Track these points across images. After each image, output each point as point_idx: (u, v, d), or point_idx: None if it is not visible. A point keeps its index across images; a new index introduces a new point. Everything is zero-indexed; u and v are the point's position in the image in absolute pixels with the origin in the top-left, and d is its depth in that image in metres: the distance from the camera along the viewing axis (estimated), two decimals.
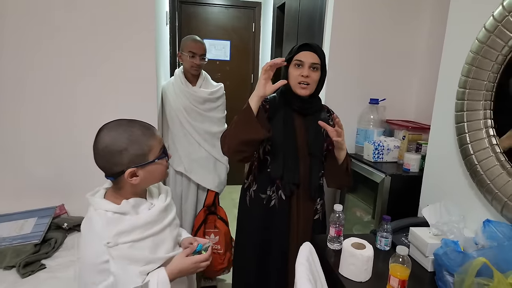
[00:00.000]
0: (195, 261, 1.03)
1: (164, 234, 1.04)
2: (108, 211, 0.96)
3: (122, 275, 0.90)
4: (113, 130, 0.96)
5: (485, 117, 1.19)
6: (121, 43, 1.82)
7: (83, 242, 0.96)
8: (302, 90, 1.41)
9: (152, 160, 0.99)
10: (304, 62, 1.39)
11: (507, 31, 1.09)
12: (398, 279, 0.98)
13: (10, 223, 1.75)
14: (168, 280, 0.97)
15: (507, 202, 1.08)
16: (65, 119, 1.82)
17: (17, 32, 1.72)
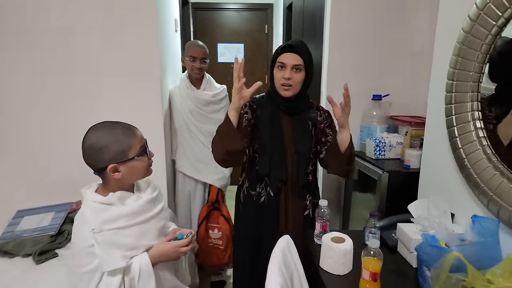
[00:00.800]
0: (175, 246, 1.10)
1: (149, 224, 1.12)
2: (96, 202, 1.06)
3: (105, 258, 0.99)
4: (98, 130, 1.06)
5: (473, 109, 1.15)
6: (126, 50, 1.92)
7: (75, 229, 1.06)
8: (285, 92, 1.42)
9: (132, 157, 1.07)
10: (286, 64, 1.39)
11: (489, 19, 1.05)
12: (370, 271, 0.97)
13: (32, 216, 1.92)
14: (150, 263, 1.05)
15: (493, 196, 1.04)
16: (82, 123, 1.92)
17: (38, 42, 1.87)
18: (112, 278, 1.01)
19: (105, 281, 1.00)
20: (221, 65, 3.97)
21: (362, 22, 2.05)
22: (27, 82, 1.92)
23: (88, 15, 1.87)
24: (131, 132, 1.09)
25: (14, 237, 1.75)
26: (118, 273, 1.02)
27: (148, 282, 1.05)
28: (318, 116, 1.53)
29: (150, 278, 1.05)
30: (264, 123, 1.46)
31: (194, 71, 2.13)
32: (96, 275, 1.00)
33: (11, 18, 1.84)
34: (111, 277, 1.01)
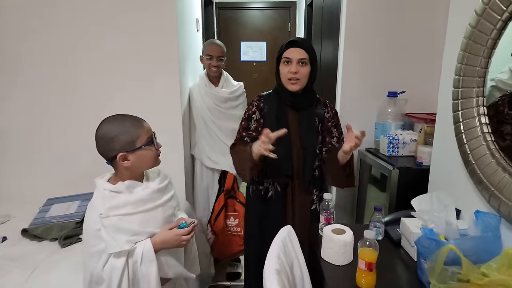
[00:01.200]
0: (176, 234, 1.15)
1: (155, 212, 1.19)
2: (106, 189, 1.15)
3: (111, 241, 1.07)
4: (109, 122, 1.15)
5: (478, 105, 1.14)
6: (147, 50, 2.02)
7: (86, 214, 1.15)
8: (293, 86, 1.47)
9: (139, 146, 1.15)
10: (292, 58, 1.44)
11: (494, 14, 1.04)
12: (365, 261, 1.00)
13: (60, 204, 2.08)
14: (152, 248, 1.12)
15: (494, 191, 1.03)
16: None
17: (63, 39, 2.01)
18: (116, 260, 1.08)
19: (110, 262, 1.08)
20: (244, 63, 4.04)
21: (377, 20, 2.04)
22: (59, 77, 2.06)
23: (108, 15, 1.98)
24: (138, 124, 1.17)
25: (44, 223, 1.90)
26: (123, 256, 1.09)
27: (150, 266, 1.12)
28: (325, 113, 1.56)
29: (152, 263, 1.12)
30: (270, 119, 1.52)
31: (211, 69, 2.21)
32: (103, 256, 1.09)
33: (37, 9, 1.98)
34: (116, 259, 1.08)
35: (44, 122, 2.13)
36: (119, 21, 1.99)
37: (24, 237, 1.83)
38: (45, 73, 2.06)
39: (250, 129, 1.57)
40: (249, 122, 1.57)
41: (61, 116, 2.12)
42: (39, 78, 2.07)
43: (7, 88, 2.08)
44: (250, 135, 1.56)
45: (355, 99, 2.13)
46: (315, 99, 1.56)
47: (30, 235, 1.83)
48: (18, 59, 2.04)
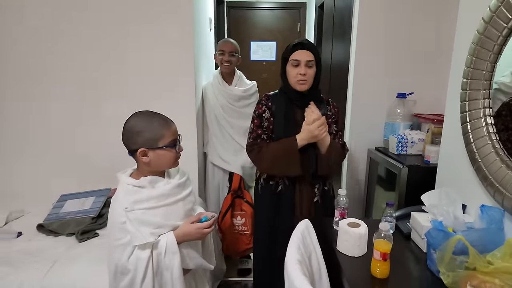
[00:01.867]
0: (198, 227, 1.22)
1: (176, 206, 1.26)
2: (129, 184, 1.21)
3: (136, 234, 1.14)
4: (139, 116, 1.22)
5: (484, 106, 1.22)
6: (163, 48, 2.11)
7: (110, 208, 1.22)
8: (302, 86, 1.56)
9: (161, 146, 1.20)
10: (300, 60, 1.53)
11: (500, 21, 1.12)
12: (380, 252, 1.08)
13: (74, 200, 2.16)
14: (175, 241, 1.19)
15: (498, 187, 1.11)
16: (119, 118, 2.15)
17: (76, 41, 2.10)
18: (142, 252, 1.14)
19: (135, 254, 1.15)
20: (254, 63, 4.12)
21: (388, 22, 2.11)
22: (74, 75, 2.15)
23: (126, 13, 2.06)
24: (166, 124, 1.22)
25: (58, 218, 1.97)
26: (147, 248, 1.15)
27: (173, 257, 1.18)
28: (328, 110, 1.65)
29: (175, 254, 1.18)
30: (279, 118, 1.61)
31: (223, 65, 2.26)
32: (127, 248, 1.15)
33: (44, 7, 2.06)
34: (141, 251, 1.14)
35: (60, 121, 2.21)
36: (138, 21, 2.08)
37: (40, 232, 1.90)
38: (64, 75, 2.14)
39: (264, 126, 1.63)
40: (261, 120, 1.64)
41: (77, 115, 2.20)
42: (55, 79, 2.15)
43: (26, 88, 2.16)
44: (266, 133, 1.63)
45: (365, 99, 2.21)
46: (319, 98, 1.65)
47: (46, 230, 1.89)
48: (42, 60, 2.13)
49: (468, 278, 0.97)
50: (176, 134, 1.26)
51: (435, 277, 1.10)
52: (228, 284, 2.39)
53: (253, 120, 1.66)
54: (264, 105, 1.65)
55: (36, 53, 2.11)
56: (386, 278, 1.10)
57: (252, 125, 1.67)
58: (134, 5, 2.05)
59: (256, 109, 1.67)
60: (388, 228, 1.09)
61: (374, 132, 2.22)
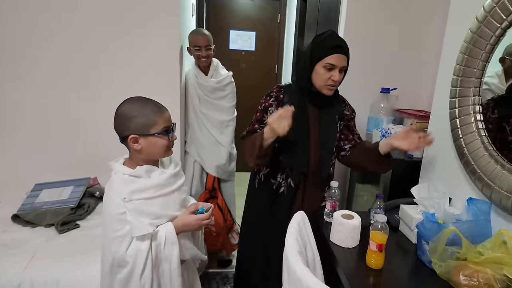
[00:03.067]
0: (197, 218, 1.21)
1: (173, 196, 1.24)
2: (125, 174, 1.17)
3: (136, 224, 1.10)
4: (132, 102, 1.17)
5: (474, 103, 1.27)
6: (146, 33, 2.03)
7: (106, 199, 1.17)
8: (329, 92, 1.44)
9: (153, 133, 1.16)
10: (337, 66, 1.38)
11: (494, 21, 1.16)
12: (376, 243, 1.10)
13: (50, 190, 2.04)
14: (175, 231, 1.17)
15: (487, 181, 1.16)
16: (100, 105, 2.07)
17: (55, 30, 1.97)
18: (141, 243, 1.12)
19: (134, 245, 1.11)
20: (233, 52, 4.06)
21: (375, 18, 2.15)
22: (52, 62, 2.03)
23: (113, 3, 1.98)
24: (159, 111, 1.18)
25: (34, 209, 1.87)
26: (147, 239, 1.13)
27: (172, 248, 1.16)
28: (345, 110, 1.59)
29: (174, 245, 1.16)
30: None
31: (201, 60, 2.16)
32: (126, 240, 1.11)
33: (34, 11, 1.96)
34: (141, 242, 1.12)
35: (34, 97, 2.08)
36: (123, 8, 1.99)
37: (15, 223, 1.80)
38: (41, 56, 2.02)
39: (264, 122, 1.48)
40: (264, 114, 1.50)
41: (53, 100, 2.08)
42: (35, 61, 2.02)
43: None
44: (263, 128, 1.44)
45: (349, 93, 2.22)
46: (336, 98, 1.56)
47: (22, 221, 1.79)
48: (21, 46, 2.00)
49: (461, 268, 1.01)
50: (169, 121, 1.22)
51: (427, 267, 1.14)
52: (208, 275, 2.37)
53: (256, 113, 1.53)
54: (273, 98, 1.50)
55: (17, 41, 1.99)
56: (380, 268, 1.13)
57: (254, 117, 1.53)
58: None
59: (263, 101, 1.52)
60: (385, 220, 1.11)
61: (358, 126, 2.24)
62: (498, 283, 0.95)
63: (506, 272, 0.96)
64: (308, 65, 1.42)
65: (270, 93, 1.52)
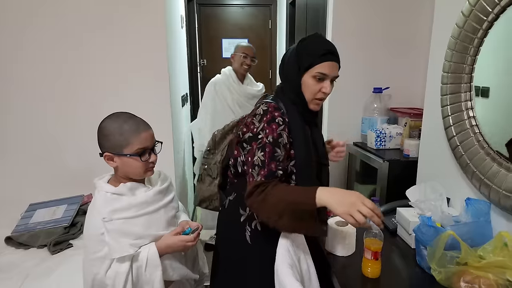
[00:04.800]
0: (181, 240, 1.14)
1: (158, 214, 1.18)
2: (108, 192, 1.13)
3: (115, 246, 1.05)
4: (111, 118, 1.13)
5: (466, 99, 1.22)
6: (135, 47, 2.01)
7: (87, 218, 1.13)
8: (317, 106, 1.21)
9: (125, 154, 1.12)
10: (329, 75, 1.15)
11: (480, 15, 1.12)
12: (371, 251, 1.05)
13: (44, 209, 2.01)
14: (157, 253, 1.11)
15: (484, 180, 1.12)
16: (92, 121, 2.02)
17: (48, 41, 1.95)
18: (120, 265, 1.06)
19: (114, 267, 1.06)
20: (226, 60, 4.04)
21: (364, 17, 2.11)
22: (40, 76, 2.00)
23: (96, 12, 1.95)
24: (136, 131, 1.12)
25: (28, 230, 1.83)
26: (127, 260, 1.07)
27: (154, 271, 1.10)
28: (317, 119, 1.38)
29: (157, 268, 1.10)
30: (299, 142, 1.17)
31: (243, 67, 2.40)
32: (105, 261, 1.06)
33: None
34: (120, 264, 1.06)
35: (25, 116, 2.05)
36: (108, 18, 1.96)
37: (9, 245, 1.78)
38: (31, 71, 2.00)
39: (279, 159, 1.11)
40: (276, 148, 1.11)
41: (46, 116, 2.05)
42: (23, 78, 2.00)
43: None
44: (281, 168, 1.11)
45: (342, 95, 2.20)
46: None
47: (15, 243, 1.77)
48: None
49: (461, 273, 0.96)
50: (147, 142, 1.15)
51: (426, 273, 1.09)
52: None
53: (263, 148, 1.10)
54: (282, 126, 1.13)
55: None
56: (377, 277, 1.08)
57: (263, 154, 1.10)
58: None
59: (269, 132, 1.11)
60: (379, 227, 1.06)
61: (352, 127, 2.22)
62: None
63: (509, 276, 0.91)
64: (295, 76, 1.17)
65: (274, 118, 1.13)
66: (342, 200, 0.98)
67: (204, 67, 4.05)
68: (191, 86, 3.21)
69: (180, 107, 2.55)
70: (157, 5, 1.96)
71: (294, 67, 1.17)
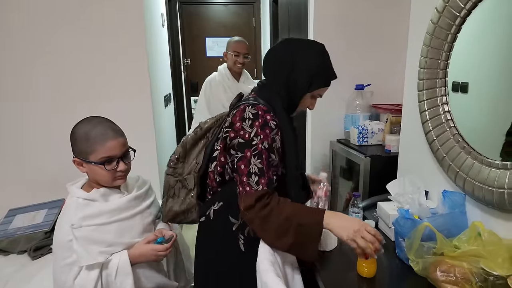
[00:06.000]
0: (153, 249, 1.13)
1: (133, 220, 1.16)
2: (79, 197, 1.11)
3: (83, 253, 1.03)
4: (83, 123, 1.11)
5: (441, 94, 1.25)
6: (113, 52, 1.99)
7: (57, 224, 1.11)
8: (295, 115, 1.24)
9: (91, 161, 1.09)
10: (321, 96, 1.24)
11: (453, 11, 1.15)
12: None
13: (24, 214, 1.98)
14: (129, 261, 1.09)
15: (459, 172, 1.15)
16: (71, 122, 2.00)
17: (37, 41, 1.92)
18: (89, 272, 1.04)
19: (82, 275, 1.04)
20: (210, 59, 4.03)
21: (345, 14, 2.13)
22: (18, 80, 1.98)
23: (71, 7, 1.93)
24: (103, 138, 1.09)
25: (7, 236, 1.80)
26: (96, 268, 1.05)
27: (125, 279, 1.08)
28: None
29: (128, 276, 1.08)
30: (291, 145, 1.15)
31: (236, 65, 2.33)
32: (74, 268, 1.04)
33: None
34: (89, 271, 1.04)
35: (5, 119, 2.03)
36: (84, 14, 1.94)
37: None
38: (2, 74, 1.97)
39: (273, 164, 1.09)
40: (271, 154, 1.08)
41: (24, 120, 2.03)
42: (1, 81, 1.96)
43: None
44: (275, 174, 1.11)
45: (325, 92, 2.21)
46: None
47: None
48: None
49: (437, 263, 0.98)
50: (114, 151, 1.11)
51: (405, 265, 1.11)
52: None
53: (260, 155, 1.04)
54: (275, 129, 1.09)
55: None
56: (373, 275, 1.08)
57: (260, 161, 1.04)
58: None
59: (263, 138, 1.05)
60: (374, 225, 1.07)
61: (335, 125, 2.24)
62: (476, 276, 0.93)
63: (482, 265, 0.94)
64: (303, 89, 1.15)
65: (267, 122, 1.08)
66: (347, 226, 1.00)
67: (188, 66, 4.03)
68: (174, 86, 3.19)
69: (163, 107, 2.54)
70: (135, 2, 1.94)
71: (308, 79, 1.14)
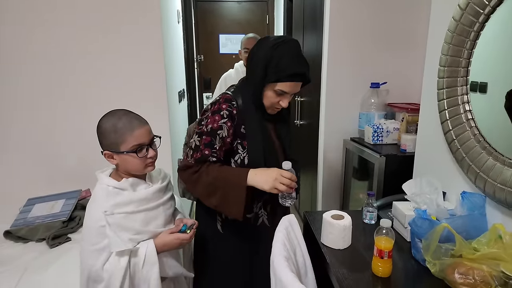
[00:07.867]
0: (177, 237, 1.16)
1: (157, 211, 1.20)
2: (110, 186, 1.13)
3: (115, 239, 1.06)
4: (107, 116, 1.14)
5: (462, 93, 1.22)
6: (128, 45, 2.02)
7: (87, 210, 1.13)
8: (273, 112, 1.28)
9: (122, 151, 1.12)
10: (288, 93, 1.20)
11: (477, 7, 1.12)
12: (382, 249, 1.04)
13: (43, 204, 2.03)
14: (155, 250, 1.12)
15: (480, 173, 1.12)
16: (90, 116, 2.03)
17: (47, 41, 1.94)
18: (120, 259, 1.07)
19: (112, 261, 1.06)
20: (223, 56, 4.04)
21: (360, 13, 2.10)
22: (37, 74, 2.02)
23: (90, 7, 1.96)
24: (131, 128, 1.12)
25: (26, 224, 1.85)
26: (126, 255, 1.08)
27: (151, 268, 1.11)
28: (286, 114, 1.42)
29: (154, 265, 1.11)
30: (256, 140, 1.24)
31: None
32: (103, 254, 1.06)
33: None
34: (119, 257, 1.07)
35: (24, 113, 2.07)
36: (103, 13, 1.97)
37: (7, 239, 1.80)
38: (28, 69, 2.01)
39: (215, 146, 1.20)
40: (214, 138, 1.19)
41: (44, 113, 2.07)
42: (22, 75, 2.01)
43: None
44: (216, 156, 1.21)
45: (339, 90, 2.20)
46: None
47: (14, 237, 1.79)
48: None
49: (455, 265, 0.96)
50: (143, 138, 1.14)
51: (421, 266, 1.10)
52: None
53: (201, 135, 1.21)
54: (227, 118, 1.19)
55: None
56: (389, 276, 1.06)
57: (199, 140, 1.20)
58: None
59: (210, 121, 1.19)
60: (390, 224, 1.05)
61: (349, 123, 2.22)
62: (495, 280, 0.90)
63: (503, 268, 0.91)
64: (259, 80, 1.19)
65: (217, 110, 1.20)
66: (266, 178, 1.16)
67: (201, 62, 4.04)
68: (188, 82, 3.20)
69: (177, 103, 2.55)
70: (153, 2, 1.96)
71: (261, 72, 1.18)
